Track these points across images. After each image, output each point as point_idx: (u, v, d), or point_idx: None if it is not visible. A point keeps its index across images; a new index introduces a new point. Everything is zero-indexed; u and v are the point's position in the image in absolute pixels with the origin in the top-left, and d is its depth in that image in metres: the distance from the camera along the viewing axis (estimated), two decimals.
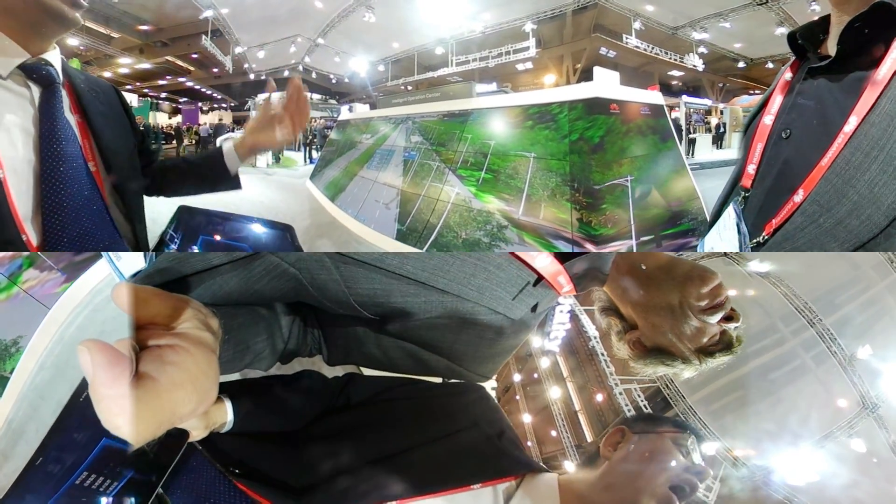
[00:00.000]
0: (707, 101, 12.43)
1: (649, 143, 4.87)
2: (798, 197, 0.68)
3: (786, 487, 7.20)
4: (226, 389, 0.81)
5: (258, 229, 0.97)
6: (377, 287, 0.82)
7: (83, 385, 0.73)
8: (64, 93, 0.90)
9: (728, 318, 0.91)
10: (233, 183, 1.14)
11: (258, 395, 0.86)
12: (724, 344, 0.93)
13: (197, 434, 0.61)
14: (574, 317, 9.00)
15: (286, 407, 0.89)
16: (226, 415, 0.76)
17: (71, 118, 0.90)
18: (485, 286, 0.86)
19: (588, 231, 4.03)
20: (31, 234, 0.78)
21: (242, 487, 0.73)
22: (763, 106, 0.86)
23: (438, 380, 1.06)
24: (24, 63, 0.84)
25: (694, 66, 11.03)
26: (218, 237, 0.93)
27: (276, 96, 1.10)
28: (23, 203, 0.77)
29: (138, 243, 1.00)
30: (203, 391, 0.52)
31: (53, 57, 0.89)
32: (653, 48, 10.57)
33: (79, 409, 0.69)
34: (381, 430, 0.90)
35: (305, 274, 0.82)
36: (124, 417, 0.43)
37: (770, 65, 10.73)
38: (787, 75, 0.82)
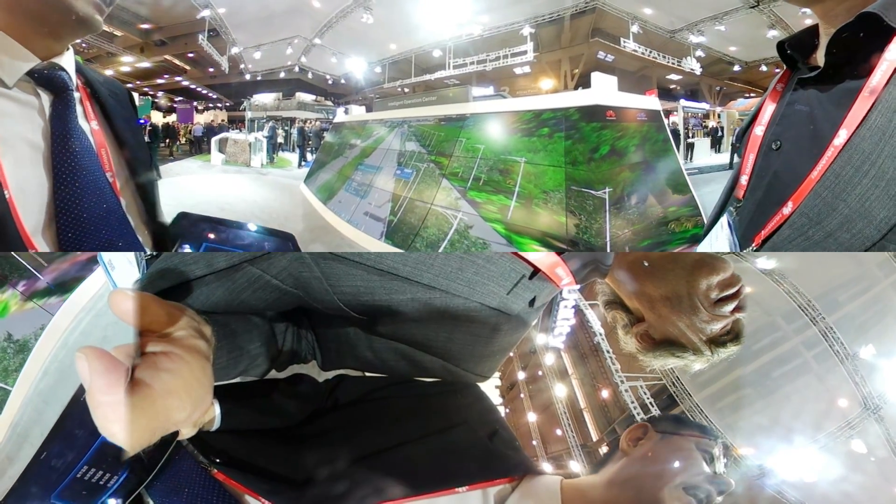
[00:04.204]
0: (705, 105, 12.49)
1: (646, 149, 4.81)
2: (787, 209, 0.68)
3: (784, 485, 7.21)
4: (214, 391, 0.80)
5: (260, 237, 0.98)
6: (359, 284, 0.81)
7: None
8: (79, 97, 0.84)
9: (738, 308, 0.88)
10: None
11: (246, 396, 0.85)
12: (735, 334, 0.90)
13: (186, 433, 0.62)
14: (578, 312, 8.97)
15: (275, 408, 0.88)
16: (212, 413, 0.75)
17: (86, 126, 0.83)
18: (475, 280, 0.83)
19: None
20: (40, 247, 0.74)
21: (220, 476, 0.73)
22: (755, 115, 0.86)
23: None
24: (33, 69, 0.75)
25: (691, 69, 11.08)
26: (221, 245, 0.94)
27: None
28: (31, 218, 0.73)
29: (166, 245, 0.97)
30: (197, 398, 0.52)
31: (66, 60, 0.81)
32: (650, 52, 10.61)
33: (80, 407, 0.71)
34: (362, 430, 0.87)
35: (289, 281, 0.81)
36: (120, 424, 0.44)
37: (763, 67, 10.81)
38: (779, 85, 0.82)
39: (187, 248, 0.92)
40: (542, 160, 4.26)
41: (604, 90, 4.65)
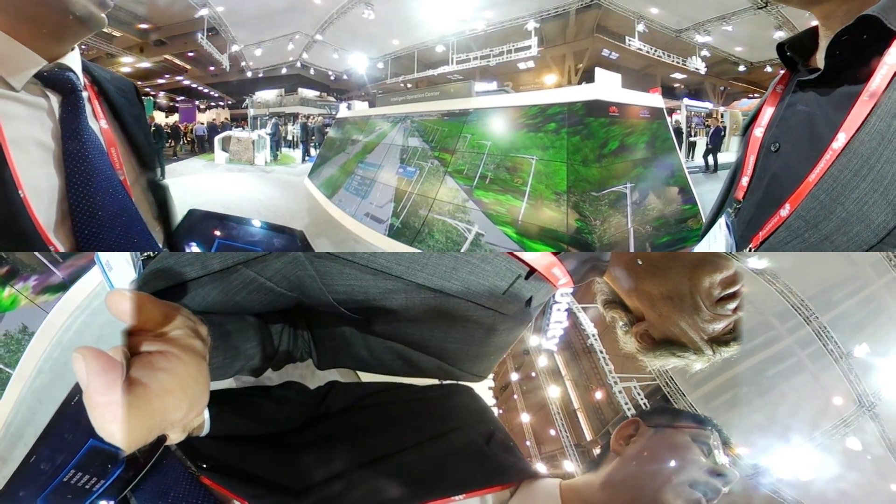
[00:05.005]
0: (708, 105, 12.44)
1: (652, 146, 4.78)
2: (784, 211, 0.68)
3: (780, 484, 7.24)
4: None
5: (270, 233, 0.98)
6: (353, 283, 0.80)
7: (76, 388, 0.75)
8: (87, 96, 0.84)
9: (737, 307, 0.86)
10: None
11: (236, 402, 0.85)
12: (738, 332, 0.88)
13: (175, 437, 0.62)
14: (571, 314, 9.00)
15: (265, 415, 0.87)
16: (202, 417, 0.73)
17: (95, 125, 0.84)
18: (470, 280, 0.82)
19: None
20: (56, 243, 0.75)
21: (206, 481, 0.73)
22: (755, 117, 0.85)
23: (426, 383, 1.03)
24: (41, 71, 0.76)
25: (696, 69, 11.04)
26: (232, 241, 0.95)
27: None
28: (43, 217, 0.74)
29: (178, 242, 0.97)
30: (193, 397, 0.52)
31: (73, 60, 0.81)
32: (655, 51, 10.57)
33: (71, 411, 0.71)
34: (355, 438, 0.86)
35: (283, 283, 0.81)
36: (118, 424, 0.44)
37: (768, 68, 10.77)
38: (778, 87, 0.82)
39: (195, 247, 0.93)
40: (552, 157, 4.11)
41: (607, 86, 4.62)
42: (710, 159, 8.72)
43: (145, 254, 0.86)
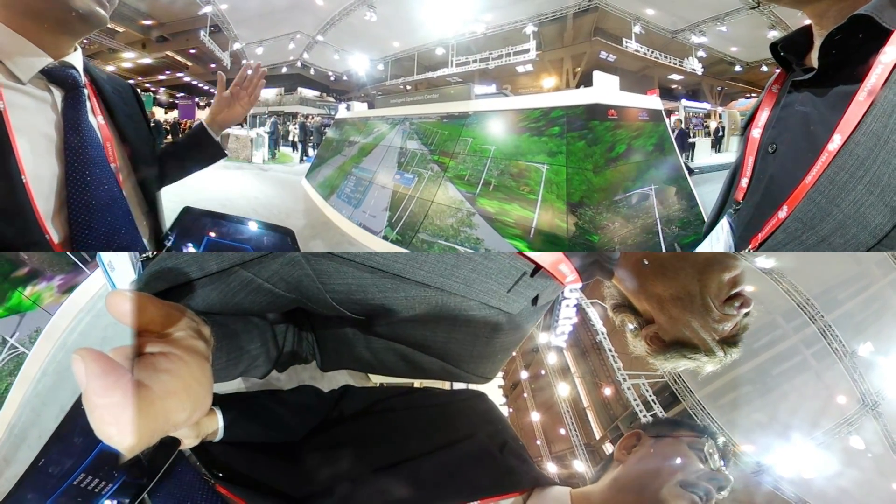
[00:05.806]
0: (706, 105, 12.46)
1: (652, 149, 4.76)
2: (782, 213, 0.67)
3: (782, 481, 7.23)
4: (217, 401, 0.80)
5: (260, 231, 0.99)
6: (350, 282, 0.79)
7: None
8: (87, 93, 0.88)
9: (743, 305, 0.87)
10: (220, 150, 1.28)
11: (250, 407, 0.85)
12: (744, 333, 0.89)
13: (189, 442, 0.61)
14: (580, 310, 8.98)
15: (278, 420, 0.87)
16: (216, 424, 0.75)
17: (93, 120, 0.89)
18: (472, 278, 0.80)
19: None
20: (52, 234, 0.78)
21: (222, 490, 0.73)
22: (752, 117, 0.85)
23: (440, 385, 1.01)
24: (46, 67, 0.81)
25: (693, 69, 11.05)
26: (222, 238, 0.95)
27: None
28: (44, 204, 0.78)
29: (162, 240, 1.00)
30: (197, 399, 0.51)
31: (76, 59, 0.87)
32: (652, 52, 10.58)
33: (81, 415, 0.72)
34: (369, 445, 0.86)
35: (280, 285, 0.80)
36: (117, 427, 0.43)
37: (764, 68, 10.77)
38: (774, 87, 0.81)
39: (190, 246, 0.93)
40: (561, 163, 3.93)
41: (606, 89, 4.58)
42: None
43: (144, 255, 0.87)
